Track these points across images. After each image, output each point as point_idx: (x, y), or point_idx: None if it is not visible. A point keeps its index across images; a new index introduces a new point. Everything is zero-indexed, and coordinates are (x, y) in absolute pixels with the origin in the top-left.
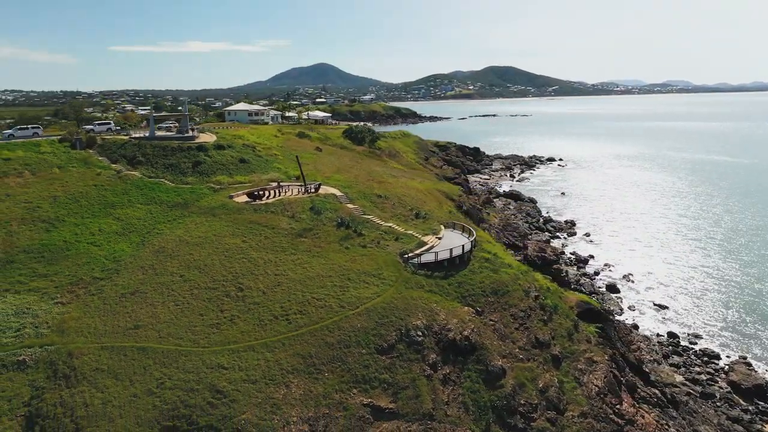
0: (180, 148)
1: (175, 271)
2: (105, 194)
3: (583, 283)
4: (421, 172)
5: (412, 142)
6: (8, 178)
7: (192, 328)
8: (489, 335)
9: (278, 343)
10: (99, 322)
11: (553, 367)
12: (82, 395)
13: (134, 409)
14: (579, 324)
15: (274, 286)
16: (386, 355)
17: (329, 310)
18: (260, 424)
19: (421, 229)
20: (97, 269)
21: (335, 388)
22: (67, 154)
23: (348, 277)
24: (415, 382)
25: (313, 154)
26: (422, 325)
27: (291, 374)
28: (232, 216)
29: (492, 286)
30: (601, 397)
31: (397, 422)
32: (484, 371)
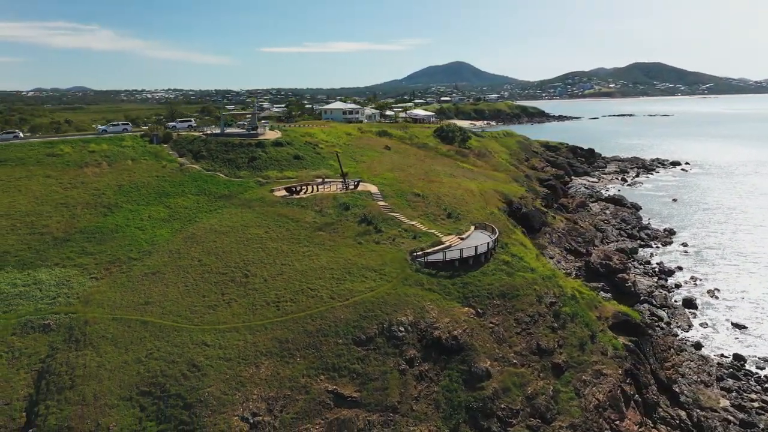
0: (241, 144)
1: (195, 256)
2: (163, 184)
3: (657, 294)
4: (497, 173)
5: (514, 142)
6: (88, 167)
7: (192, 308)
8: (483, 337)
9: (261, 327)
10: (118, 296)
11: (553, 375)
12: (84, 358)
13: (121, 373)
14: (597, 335)
15: (276, 275)
16: (362, 347)
17: (319, 300)
18: (222, 397)
19: (446, 229)
20: (134, 251)
21: (303, 372)
22: (143, 148)
23: (349, 271)
24: (386, 375)
25: (378, 152)
26: (407, 322)
27: (264, 356)
28: (265, 208)
29: (501, 288)
30: (599, 411)
31: (357, 410)
32: (467, 372)
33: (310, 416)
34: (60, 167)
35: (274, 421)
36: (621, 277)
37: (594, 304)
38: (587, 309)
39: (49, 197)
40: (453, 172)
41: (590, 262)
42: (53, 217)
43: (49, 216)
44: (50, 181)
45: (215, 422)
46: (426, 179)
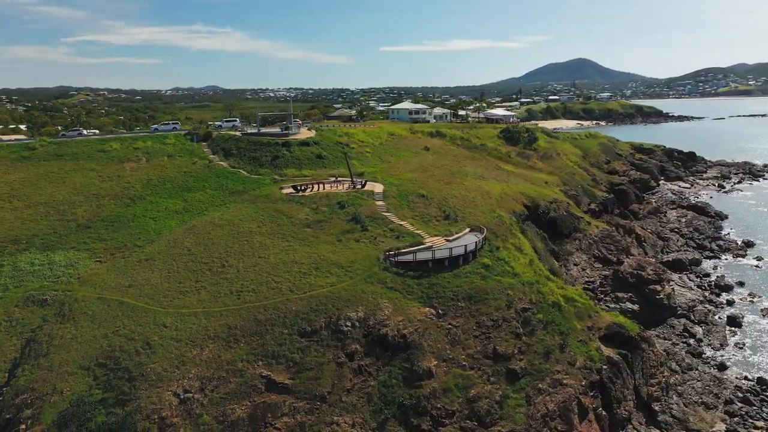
0: (269, 143)
1: (187, 246)
2: (188, 180)
3: (698, 309)
4: (547, 176)
5: (596, 144)
6: (127, 162)
7: (166, 292)
8: (437, 338)
9: (218, 313)
10: (110, 279)
11: (506, 381)
12: (64, 330)
13: (87, 346)
14: (569, 344)
15: (249, 267)
16: (306, 338)
17: (277, 292)
18: (162, 374)
19: (437, 230)
20: (141, 239)
21: (242, 357)
22: (183, 145)
23: (317, 266)
24: (322, 366)
25: (412, 153)
26: (356, 317)
27: (211, 339)
28: (266, 204)
29: (469, 291)
30: (545, 420)
31: (286, 396)
32: (409, 370)
33: (239, 398)
34: (104, 162)
35: (204, 399)
36: (652, 288)
37: (588, 313)
38: (573, 318)
39: (86, 188)
40: (485, 173)
41: (619, 271)
42: (83, 206)
43: (80, 205)
44: (92, 174)
45: (149, 395)
46: (445, 180)
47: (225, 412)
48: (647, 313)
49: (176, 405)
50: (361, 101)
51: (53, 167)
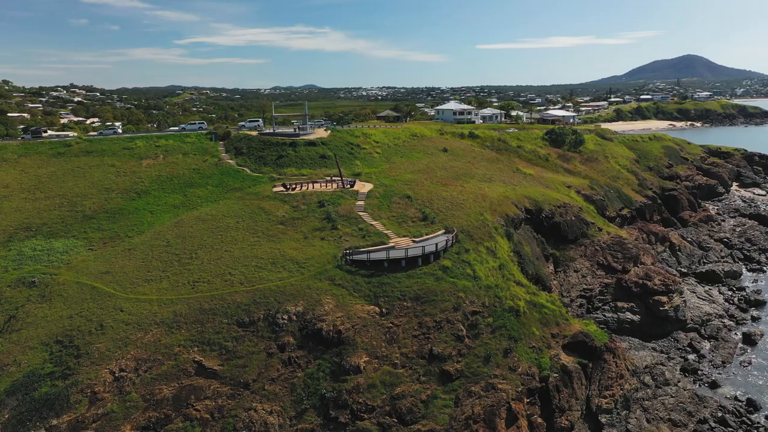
0: (277, 143)
1: (167, 238)
2: (194, 176)
3: (713, 324)
4: (576, 179)
5: (660, 146)
6: (146, 159)
7: (133, 279)
8: (373, 335)
9: (170, 301)
10: (93, 265)
11: (437, 381)
12: (39, 309)
13: (53, 324)
14: (515, 350)
15: (214, 259)
16: (243, 329)
17: (229, 284)
18: (105, 353)
19: (408, 231)
20: (134, 230)
21: (180, 342)
22: (201, 144)
23: (274, 261)
24: (252, 355)
25: (426, 155)
26: (294, 311)
27: (156, 325)
28: (252, 201)
29: (418, 292)
30: (468, 422)
31: (212, 381)
32: (337, 364)
33: (168, 379)
34: (126, 158)
35: (136, 378)
36: (657, 299)
37: (557, 320)
38: (534, 324)
39: (101, 183)
40: (497, 176)
41: (623, 280)
42: (93, 199)
43: (91, 197)
44: (112, 169)
45: (88, 372)
46: (444, 182)
47: (152, 392)
48: (649, 324)
49: (110, 382)
50: (434, 101)
51: (80, 162)
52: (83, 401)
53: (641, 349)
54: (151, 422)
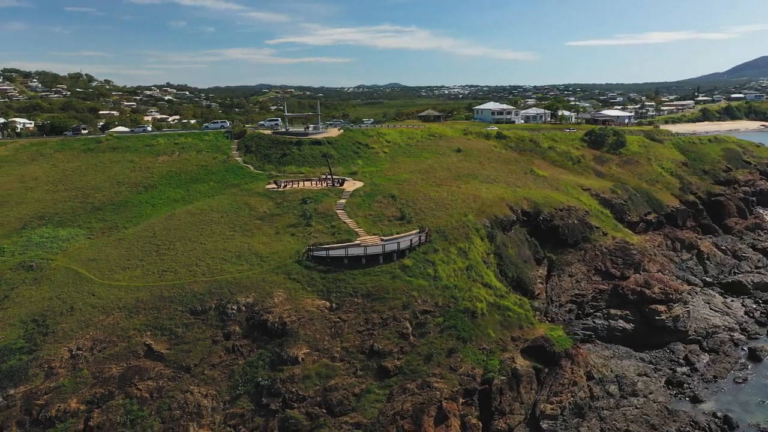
0: (284, 142)
1: (155, 229)
2: (200, 173)
3: (718, 337)
4: (596, 181)
5: (720, 149)
6: (162, 156)
7: (112, 267)
8: (318, 329)
9: (137, 288)
10: (84, 252)
11: (374, 376)
12: (28, 291)
13: (34, 305)
14: (460, 350)
15: (188, 251)
16: (195, 316)
17: (191, 274)
18: (68, 332)
19: (380, 230)
20: (131, 222)
21: (136, 326)
22: (216, 142)
23: (240, 255)
24: (198, 341)
25: (436, 155)
26: (245, 303)
27: (118, 309)
28: (242, 197)
29: (371, 289)
30: (393, 418)
31: (157, 363)
32: (277, 354)
33: (118, 359)
34: (145, 155)
35: (90, 357)
36: (654, 308)
37: (520, 324)
38: (492, 326)
39: (116, 177)
40: (503, 177)
41: (620, 287)
42: (104, 191)
43: (103, 190)
44: (129, 165)
45: (50, 348)
46: (439, 183)
47: (102, 370)
48: (644, 334)
49: (66, 359)
50: (515, 99)
51: (104, 158)
52: (40, 375)
53: (627, 358)
54: (96, 398)
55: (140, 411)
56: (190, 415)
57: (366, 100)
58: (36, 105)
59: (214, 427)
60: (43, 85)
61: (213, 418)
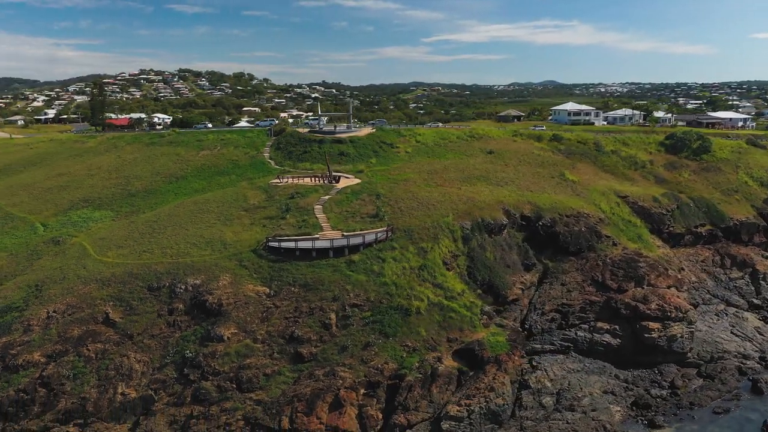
0: (309, 140)
1: (162, 215)
2: (227, 166)
3: (724, 364)
4: (648, 188)
5: None
6: (204, 150)
7: (111, 244)
8: (251, 312)
9: (116, 264)
10: (101, 232)
11: (288, 360)
12: (46, 261)
13: (41, 272)
14: (377, 345)
15: (172, 235)
16: (150, 292)
17: (163, 255)
18: (52, 296)
19: (347, 226)
20: (150, 208)
21: (103, 297)
22: (256, 139)
23: (209, 241)
24: (146, 314)
25: (459, 155)
26: (192, 284)
27: (94, 281)
28: (245, 190)
29: (309, 280)
30: (291, 400)
31: (109, 329)
32: (208, 332)
33: (80, 323)
34: (191, 149)
35: (61, 318)
36: (644, 325)
37: (460, 326)
38: (428, 325)
39: (158, 168)
40: (520, 180)
41: (612, 300)
42: (143, 180)
43: (142, 179)
44: (175, 158)
45: (32, 309)
46: (441, 184)
47: (66, 330)
48: (633, 351)
49: (42, 319)
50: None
51: (158, 151)
52: (20, 330)
53: (598, 374)
54: (54, 353)
55: (84, 368)
56: (121, 376)
57: (513, 98)
58: (192, 102)
59: (138, 389)
60: (209, 83)
61: (140, 380)
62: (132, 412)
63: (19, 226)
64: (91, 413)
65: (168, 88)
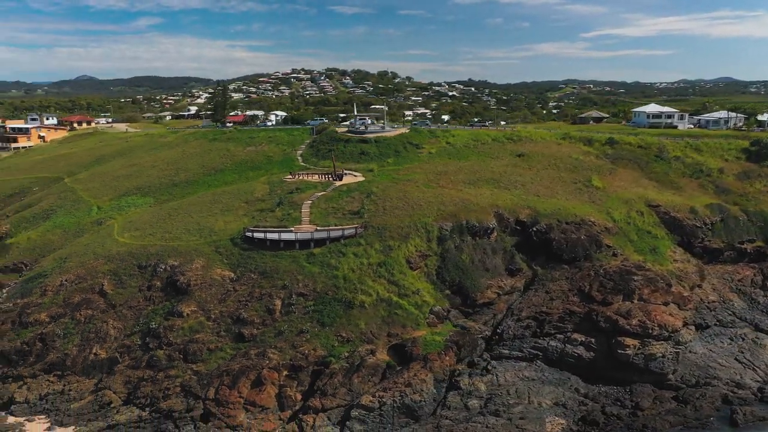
0: (337, 139)
1: (187, 203)
2: (262, 162)
3: (709, 390)
4: (685, 198)
5: None
6: (250, 147)
7: (136, 227)
8: (213, 293)
9: (124, 243)
10: (133, 215)
11: (231, 339)
12: (84, 239)
13: (76, 247)
14: (309, 333)
15: (178, 222)
16: (139, 270)
17: (158, 239)
18: (69, 268)
19: (326, 221)
20: (182, 197)
21: (104, 271)
22: (300, 137)
23: (201, 229)
24: (131, 288)
25: (484, 157)
26: (170, 264)
27: (103, 257)
28: (258, 184)
29: (267, 268)
30: (223, 373)
31: (101, 299)
32: (174, 306)
33: (82, 292)
34: (240, 145)
35: (70, 286)
36: (621, 340)
37: (404, 323)
38: (372, 319)
39: (205, 161)
40: (536, 186)
41: (593, 312)
42: (189, 172)
43: (188, 171)
44: (223, 152)
45: (53, 277)
46: (443, 185)
47: (70, 297)
48: (605, 366)
49: (56, 286)
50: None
51: (213, 146)
52: (37, 293)
53: (556, 385)
54: (54, 315)
55: (73, 329)
56: (98, 339)
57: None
58: (326, 100)
59: (108, 351)
60: (353, 81)
61: (111, 344)
62: (99, 369)
63: (81, 208)
64: (68, 367)
65: (314, 86)
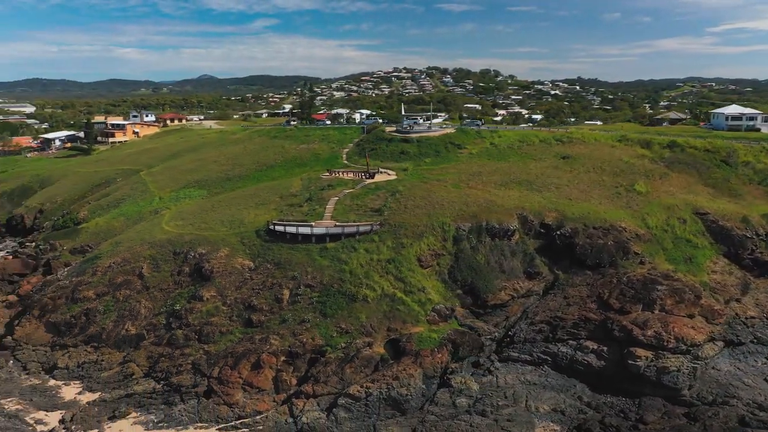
0: (382, 139)
1: (231, 196)
2: (309, 159)
3: (726, 411)
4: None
5: None
6: (303, 144)
7: (177, 217)
8: (233, 281)
9: (167, 231)
10: (184, 206)
11: (242, 323)
12: (139, 226)
13: (130, 233)
14: (310, 321)
15: (216, 213)
16: (174, 256)
17: (195, 229)
18: (118, 252)
19: (347, 218)
20: (231, 190)
21: (144, 256)
22: (352, 135)
23: (232, 221)
24: (164, 272)
25: (525, 158)
26: (199, 252)
27: (147, 243)
28: (297, 180)
29: (282, 260)
30: (227, 355)
31: (138, 280)
32: (197, 290)
33: (125, 273)
34: (296, 142)
35: (116, 268)
36: (632, 351)
37: (404, 319)
38: (373, 313)
39: (261, 158)
40: (564, 187)
41: (609, 320)
42: (244, 167)
43: (243, 166)
44: (278, 150)
45: (104, 259)
46: (472, 186)
47: (115, 277)
48: (610, 374)
49: (105, 267)
50: None
51: (271, 143)
52: (89, 273)
53: (559, 391)
54: (99, 293)
55: (112, 306)
56: (131, 316)
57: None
58: (419, 99)
59: (138, 328)
60: (454, 80)
61: (141, 322)
62: (129, 344)
63: (146, 198)
64: (104, 340)
65: (414, 84)
